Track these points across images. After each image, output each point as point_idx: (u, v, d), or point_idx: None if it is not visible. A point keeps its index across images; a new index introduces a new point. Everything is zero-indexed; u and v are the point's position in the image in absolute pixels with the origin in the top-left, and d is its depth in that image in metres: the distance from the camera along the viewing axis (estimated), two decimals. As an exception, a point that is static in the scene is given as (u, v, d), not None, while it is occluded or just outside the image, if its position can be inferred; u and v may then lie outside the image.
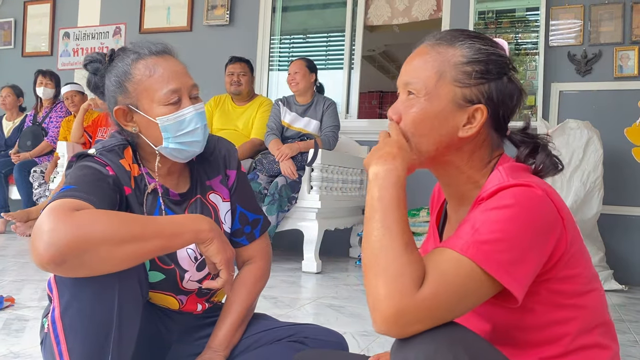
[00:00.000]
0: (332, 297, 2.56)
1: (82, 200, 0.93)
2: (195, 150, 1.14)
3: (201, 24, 4.75)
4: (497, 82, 0.85)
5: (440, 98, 0.85)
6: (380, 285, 0.72)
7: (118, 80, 1.10)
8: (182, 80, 1.10)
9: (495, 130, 0.88)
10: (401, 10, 4.22)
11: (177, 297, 1.18)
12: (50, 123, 4.68)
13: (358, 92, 4.36)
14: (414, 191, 4.01)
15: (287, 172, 3.26)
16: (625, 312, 2.61)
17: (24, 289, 2.39)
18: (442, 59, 0.86)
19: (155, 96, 1.08)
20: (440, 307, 0.71)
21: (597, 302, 0.84)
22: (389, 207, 0.78)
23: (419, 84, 0.86)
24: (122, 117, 1.11)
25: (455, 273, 0.73)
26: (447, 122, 0.85)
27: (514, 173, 0.82)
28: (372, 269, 0.74)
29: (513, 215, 0.74)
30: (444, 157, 0.88)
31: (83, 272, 0.89)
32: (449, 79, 0.85)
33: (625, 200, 3.52)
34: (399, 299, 0.70)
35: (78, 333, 0.92)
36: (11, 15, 5.60)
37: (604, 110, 3.57)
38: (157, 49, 1.12)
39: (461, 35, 0.88)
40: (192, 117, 1.11)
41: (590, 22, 3.62)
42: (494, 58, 0.86)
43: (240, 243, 1.26)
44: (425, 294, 0.71)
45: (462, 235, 0.75)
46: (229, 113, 3.89)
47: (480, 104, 0.84)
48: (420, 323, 0.71)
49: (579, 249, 0.82)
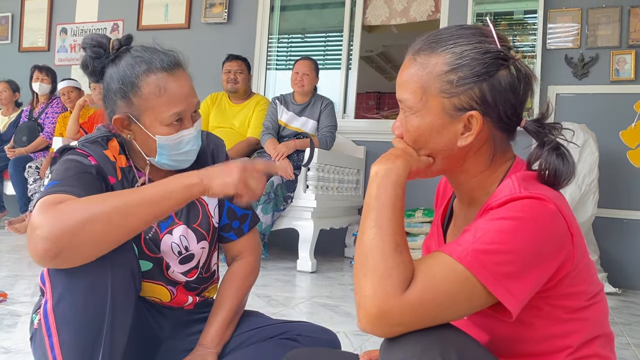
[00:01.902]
0: (327, 297, 2.56)
1: (67, 194, 0.94)
2: (185, 166, 1.16)
3: (199, 21, 4.74)
4: (488, 81, 0.80)
5: (430, 112, 0.82)
6: (367, 284, 0.71)
7: (123, 89, 1.08)
8: (188, 101, 1.10)
9: (500, 130, 0.84)
10: (399, 10, 4.22)
11: (167, 287, 1.18)
12: (46, 119, 4.67)
13: (355, 92, 4.36)
14: (411, 191, 4.01)
15: (284, 173, 3.26)
16: (619, 315, 2.62)
17: (17, 284, 2.38)
18: (424, 72, 0.82)
19: (159, 117, 1.08)
20: (426, 313, 0.70)
21: (599, 315, 0.83)
22: (385, 206, 0.77)
23: (409, 101, 0.84)
24: (120, 123, 1.11)
25: (446, 279, 0.71)
26: (443, 134, 0.82)
27: (527, 183, 0.78)
28: (361, 267, 0.73)
29: (519, 228, 0.72)
30: (449, 167, 0.87)
31: (80, 258, 0.89)
32: (435, 91, 0.81)
33: (620, 203, 3.53)
34: (384, 299, 0.69)
35: (70, 325, 0.92)
36: (8, 10, 5.57)
37: (600, 114, 3.58)
38: (169, 63, 1.09)
39: (442, 38, 0.83)
40: (190, 139, 1.12)
41: (587, 26, 3.63)
42: (479, 57, 0.80)
43: (229, 238, 1.26)
44: (411, 296, 0.70)
45: (462, 242, 0.73)
46: (226, 111, 3.88)
47: (472, 110, 0.80)
48: (403, 325, 0.70)
49: (586, 264, 0.80)
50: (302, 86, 3.56)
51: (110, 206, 0.90)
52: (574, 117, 3.49)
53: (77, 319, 0.92)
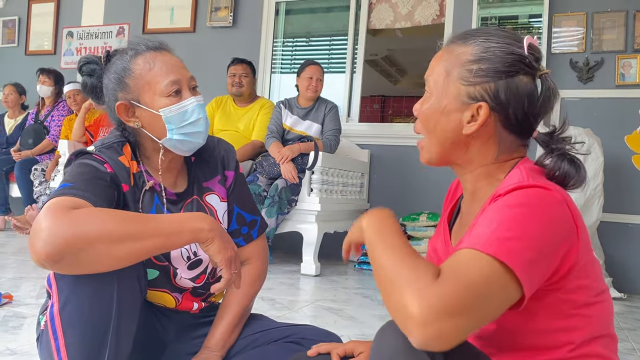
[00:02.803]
0: (331, 300, 2.56)
1: (79, 197, 0.93)
2: (199, 142, 1.15)
3: (204, 25, 4.76)
4: (505, 80, 0.84)
5: (447, 95, 0.88)
6: (398, 295, 0.69)
7: (117, 77, 1.12)
8: (181, 72, 1.13)
9: (508, 130, 0.87)
10: (404, 14, 4.23)
11: (173, 294, 1.18)
12: (52, 121, 4.69)
13: (360, 96, 4.37)
14: (415, 195, 4.02)
15: (288, 176, 3.26)
16: (624, 320, 2.61)
17: (22, 286, 2.39)
18: (452, 58, 0.88)
19: (156, 89, 1.10)
20: (466, 303, 0.67)
21: (603, 314, 0.83)
22: (388, 235, 0.78)
23: (431, 82, 0.90)
24: (124, 112, 1.12)
25: (474, 271, 0.69)
26: (452, 118, 0.87)
27: (534, 175, 0.82)
28: (387, 289, 0.72)
29: (529, 215, 0.74)
30: (453, 154, 0.90)
31: (80, 270, 0.89)
32: (456, 76, 0.87)
33: (625, 208, 3.51)
34: (420, 295, 0.67)
35: (76, 328, 0.92)
36: (15, 14, 5.61)
37: (606, 118, 3.57)
38: (154, 44, 1.14)
39: (478, 33, 0.89)
40: (194, 108, 1.12)
41: (592, 30, 3.63)
42: (503, 55, 0.84)
43: (238, 244, 1.26)
44: (444, 285, 0.67)
45: (481, 235, 0.73)
46: (230, 114, 3.89)
47: (483, 101, 0.85)
48: (448, 316, 0.65)
49: (590, 261, 0.81)
50: (315, 91, 3.56)
51: (126, 231, 0.89)
52: (579, 122, 3.49)
53: (82, 322, 0.92)
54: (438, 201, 1.10)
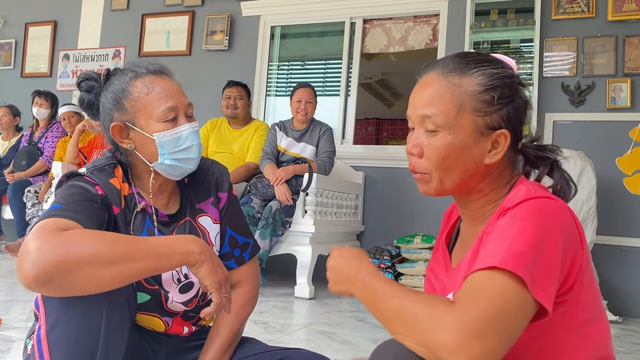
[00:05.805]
0: (324, 324, 2.53)
1: (69, 219, 0.93)
2: (190, 168, 1.15)
3: (200, 48, 4.80)
4: (513, 103, 0.87)
5: (463, 130, 0.85)
6: (422, 328, 0.69)
7: (115, 97, 1.12)
8: (179, 98, 1.13)
9: (512, 148, 0.90)
10: (397, 39, 4.28)
11: (163, 318, 1.16)
12: (46, 143, 4.68)
13: (354, 118, 4.39)
14: (409, 218, 4.02)
15: (282, 198, 3.25)
16: (620, 344, 2.59)
17: (12, 309, 2.36)
18: (458, 90, 0.86)
19: (152, 113, 1.10)
20: (489, 321, 0.67)
21: (603, 335, 0.84)
22: (385, 284, 0.78)
23: (439, 118, 0.86)
24: (118, 133, 1.12)
25: (491, 290, 0.70)
26: (472, 152, 0.86)
27: (540, 188, 0.84)
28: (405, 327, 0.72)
29: (542, 226, 0.75)
30: (469, 184, 0.89)
31: (69, 292, 0.88)
32: (469, 109, 0.85)
33: (619, 231, 3.52)
34: (444, 320, 0.68)
35: (63, 352, 0.90)
36: (12, 37, 5.65)
37: (597, 141, 3.60)
38: (155, 68, 1.15)
39: (471, 61, 0.88)
40: (189, 135, 1.12)
41: (583, 54, 3.68)
42: (506, 81, 0.87)
43: (229, 266, 1.25)
44: (463, 307, 0.68)
45: (496, 253, 0.73)
46: (225, 136, 3.90)
47: (502, 128, 0.86)
48: (479, 336, 0.66)
49: (590, 275, 0.83)
50: (305, 114, 3.58)
51: (115, 253, 0.88)
52: (571, 144, 3.51)
53: (70, 345, 0.91)
54: (432, 223, 1.10)
